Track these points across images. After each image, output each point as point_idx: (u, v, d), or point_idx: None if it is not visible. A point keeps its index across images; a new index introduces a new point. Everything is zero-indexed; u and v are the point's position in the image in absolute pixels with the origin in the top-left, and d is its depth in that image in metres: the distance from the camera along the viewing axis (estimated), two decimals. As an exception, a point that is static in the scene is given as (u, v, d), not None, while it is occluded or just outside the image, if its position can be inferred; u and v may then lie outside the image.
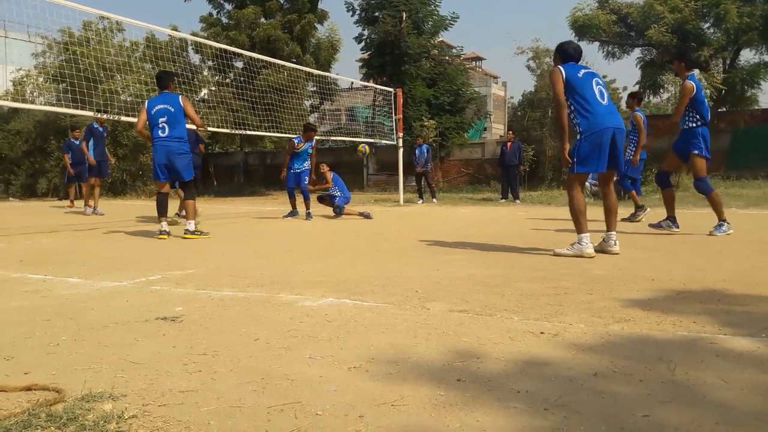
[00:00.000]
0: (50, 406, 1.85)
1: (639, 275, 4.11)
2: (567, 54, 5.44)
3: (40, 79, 20.72)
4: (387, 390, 2.01)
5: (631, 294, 3.50)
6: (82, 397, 1.93)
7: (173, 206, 9.26)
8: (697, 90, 6.53)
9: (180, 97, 7.14)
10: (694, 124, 6.59)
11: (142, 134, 7.44)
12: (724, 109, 18.03)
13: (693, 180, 6.87)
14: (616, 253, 5.14)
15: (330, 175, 10.62)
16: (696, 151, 6.59)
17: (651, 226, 7.17)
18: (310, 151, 10.15)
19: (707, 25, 17.47)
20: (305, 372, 2.21)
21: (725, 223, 6.60)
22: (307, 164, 10.16)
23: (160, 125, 7.03)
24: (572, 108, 5.19)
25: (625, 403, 1.87)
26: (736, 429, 1.68)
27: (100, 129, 11.94)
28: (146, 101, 7.31)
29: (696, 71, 6.94)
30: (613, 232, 5.27)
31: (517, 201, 14.61)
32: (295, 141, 10.06)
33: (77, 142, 12.61)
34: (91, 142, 11.69)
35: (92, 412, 1.81)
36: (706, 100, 6.85)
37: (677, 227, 6.91)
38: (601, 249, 5.22)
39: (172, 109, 7.03)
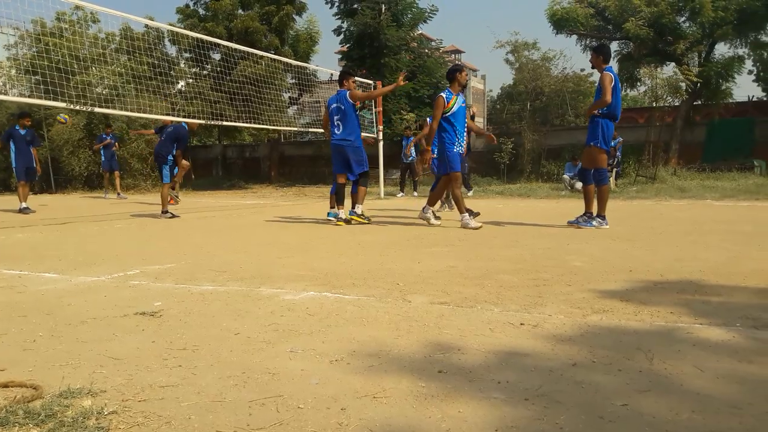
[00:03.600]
0: (28, 403, 1.82)
1: (617, 266, 4.16)
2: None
3: (13, 71, 20.27)
4: (369, 382, 2.02)
5: (609, 285, 3.55)
6: (60, 393, 1.91)
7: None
8: (615, 82, 6.50)
9: (347, 92, 7.47)
10: (597, 113, 6.56)
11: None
12: (699, 103, 18.31)
13: (593, 170, 6.64)
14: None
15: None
16: (592, 143, 6.57)
17: (570, 223, 6.75)
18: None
19: (683, 18, 17.71)
20: (287, 366, 2.20)
21: (601, 219, 6.55)
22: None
23: (335, 123, 7.45)
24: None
25: (604, 393, 1.90)
26: (712, 417, 1.72)
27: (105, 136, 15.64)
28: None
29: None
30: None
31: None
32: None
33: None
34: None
35: (71, 409, 1.79)
36: (620, 95, 6.77)
37: (601, 224, 6.55)
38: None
39: (343, 107, 7.39)
